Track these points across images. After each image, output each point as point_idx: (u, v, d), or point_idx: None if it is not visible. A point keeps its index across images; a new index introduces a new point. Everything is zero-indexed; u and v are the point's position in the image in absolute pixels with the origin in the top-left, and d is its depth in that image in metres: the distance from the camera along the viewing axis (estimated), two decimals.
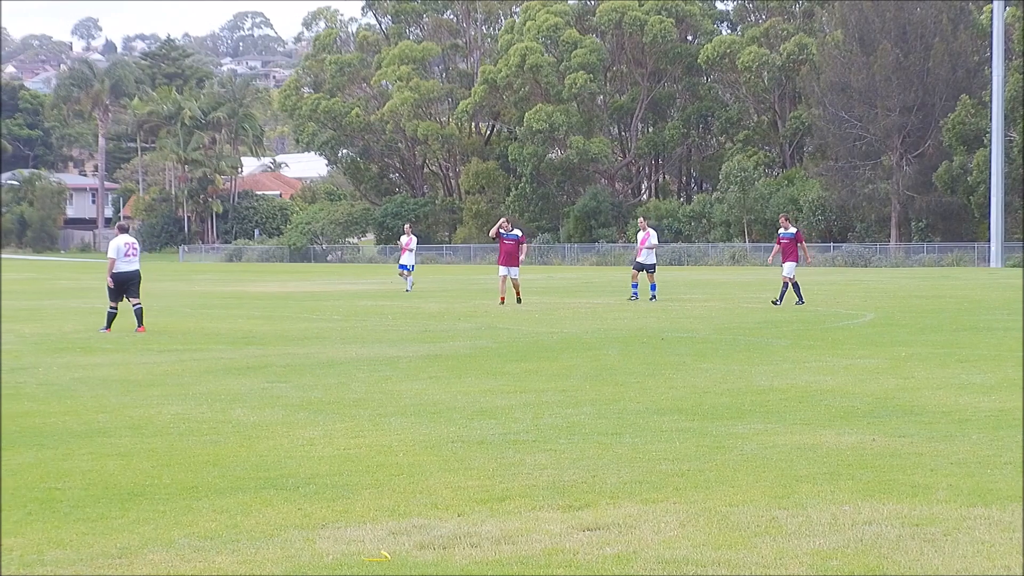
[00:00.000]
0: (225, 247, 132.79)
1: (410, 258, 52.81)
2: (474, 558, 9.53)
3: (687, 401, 17.83)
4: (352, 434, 15.33)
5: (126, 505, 11.53)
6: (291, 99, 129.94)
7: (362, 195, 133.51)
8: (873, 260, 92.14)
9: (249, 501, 11.62)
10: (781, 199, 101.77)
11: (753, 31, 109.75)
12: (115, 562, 9.60)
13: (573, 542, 9.95)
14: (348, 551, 9.81)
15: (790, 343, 26.81)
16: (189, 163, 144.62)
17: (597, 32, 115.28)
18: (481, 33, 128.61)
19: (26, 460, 13.78)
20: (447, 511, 11.13)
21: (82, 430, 15.88)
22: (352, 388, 19.68)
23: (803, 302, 39.74)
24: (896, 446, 14.04)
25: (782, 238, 41.55)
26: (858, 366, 22.13)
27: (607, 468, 12.92)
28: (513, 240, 42.05)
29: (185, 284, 65.64)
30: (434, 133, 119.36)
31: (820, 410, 16.84)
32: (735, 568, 9.12)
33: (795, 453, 13.64)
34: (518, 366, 22.81)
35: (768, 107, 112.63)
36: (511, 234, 42.22)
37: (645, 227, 44.41)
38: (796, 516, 10.71)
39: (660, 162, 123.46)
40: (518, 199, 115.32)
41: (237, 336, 30.15)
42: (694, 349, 25.74)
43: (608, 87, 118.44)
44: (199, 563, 9.52)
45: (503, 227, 42.34)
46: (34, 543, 10.18)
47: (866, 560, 9.31)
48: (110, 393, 19.40)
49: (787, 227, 41.98)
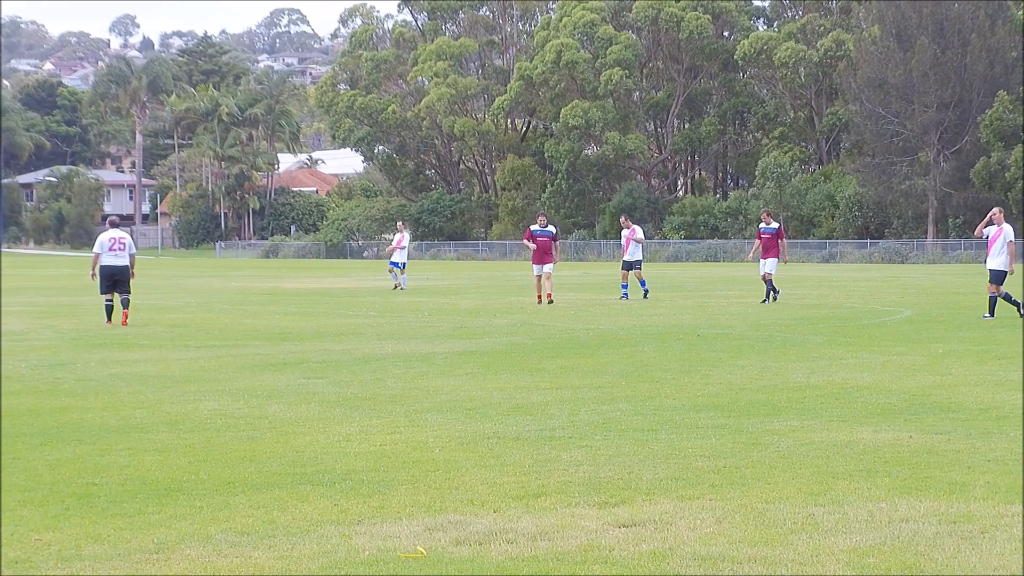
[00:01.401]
0: (261, 243, 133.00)
1: (402, 255, 51.31)
2: (510, 554, 9.54)
3: (723, 397, 17.81)
4: (388, 430, 15.36)
5: (163, 500, 11.57)
6: (327, 96, 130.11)
7: (398, 191, 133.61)
8: (910, 256, 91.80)
9: (285, 497, 11.65)
10: (817, 195, 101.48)
11: (790, 27, 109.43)
12: (152, 557, 9.64)
13: (609, 539, 9.96)
14: (384, 547, 9.83)
15: (826, 339, 26.75)
16: (226, 159, 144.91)
17: (633, 28, 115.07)
18: (517, 29, 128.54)
19: (64, 455, 13.84)
20: (483, 507, 11.14)
21: (119, 426, 15.95)
22: (388, 384, 19.71)
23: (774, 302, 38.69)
24: (933, 443, 14.00)
25: (763, 233, 40.34)
26: (895, 363, 22.07)
27: (643, 464, 12.92)
28: (547, 237, 40.84)
29: (222, 280, 65.82)
30: (470, 129, 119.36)
31: (856, 407, 16.80)
32: (771, 565, 9.11)
33: (831, 450, 13.61)
34: (554, 362, 22.81)
35: (805, 103, 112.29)
36: (545, 230, 41.06)
37: (629, 224, 43.68)
38: (833, 513, 10.68)
39: (696, 158, 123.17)
40: (554, 195, 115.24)
41: (273, 332, 30.23)
42: (730, 345, 25.71)
43: (644, 83, 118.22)
44: (236, 559, 9.55)
45: (539, 223, 41.38)
46: (71, 538, 10.23)
47: (903, 557, 9.29)
48: (147, 389, 19.47)
49: (769, 222, 40.79)
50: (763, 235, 40.34)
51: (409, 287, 51.77)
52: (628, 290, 42.53)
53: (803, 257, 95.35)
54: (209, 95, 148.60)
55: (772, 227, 40.47)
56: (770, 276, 39.33)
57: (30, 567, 9.40)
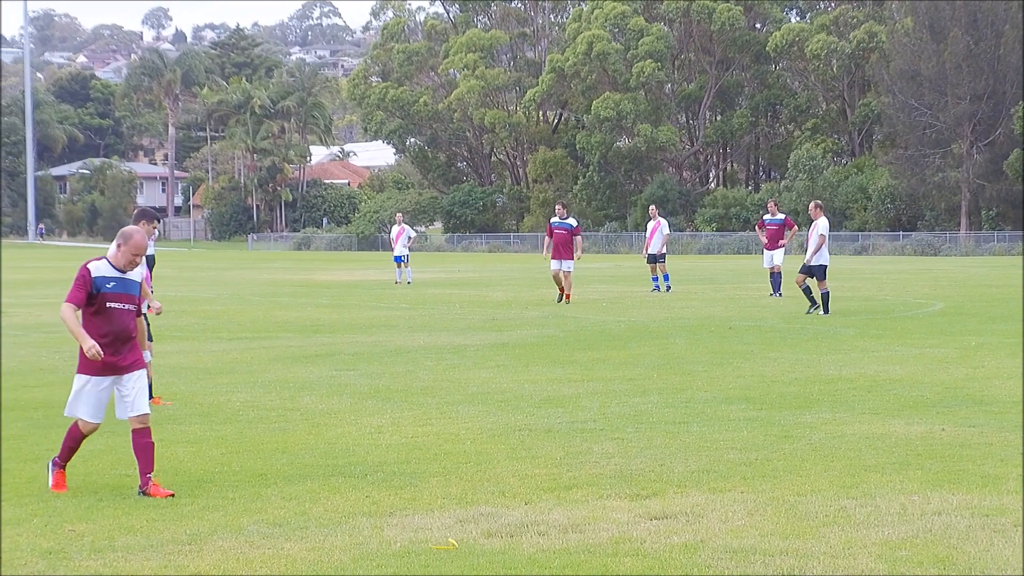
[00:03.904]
0: (293, 235, 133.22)
1: (402, 249, 50.20)
2: (541, 546, 9.55)
3: (755, 390, 17.79)
4: (420, 422, 15.39)
5: (196, 492, 11.62)
6: (359, 88, 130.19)
7: (430, 184, 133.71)
8: (943, 249, 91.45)
9: (318, 488, 11.68)
10: (850, 187, 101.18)
11: (822, 19, 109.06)
12: (185, 548, 9.68)
13: (640, 531, 9.96)
14: (416, 539, 9.85)
15: (858, 332, 26.68)
16: (258, 152, 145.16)
17: (665, 20, 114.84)
18: (548, 21, 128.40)
19: (97, 447, 13.90)
20: (514, 499, 11.15)
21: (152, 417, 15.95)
22: (419, 376, 19.74)
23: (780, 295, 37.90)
24: (966, 436, 13.96)
25: (769, 224, 39.03)
26: (927, 355, 22.01)
27: (674, 457, 12.92)
28: (565, 230, 37.25)
29: (254, 272, 65.97)
30: (501, 121, 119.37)
31: (889, 400, 16.76)
32: (803, 558, 9.10)
33: (864, 443, 13.59)
34: (585, 355, 22.81)
35: (837, 95, 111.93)
36: (564, 222, 37.57)
37: (655, 216, 42.96)
38: (865, 506, 10.67)
39: (728, 150, 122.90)
40: (585, 187, 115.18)
41: (305, 324, 30.29)
42: (762, 338, 25.67)
43: (676, 75, 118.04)
44: (268, 550, 9.58)
45: (558, 213, 38.23)
46: (105, 529, 10.28)
47: (935, 550, 9.27)
48: (180, 380, 19.55)
49: (775, 213, 39.76)
50: (768, 226, 39.08)
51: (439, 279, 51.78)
52: (659, 282, 42.21)
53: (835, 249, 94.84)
54: (241, 88, 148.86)
55: (778, 218, 39.54)
56: (779, 268, 38.47)
57: (64, 557, 9.45)
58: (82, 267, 11.58)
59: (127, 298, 11.62)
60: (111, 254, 11.71)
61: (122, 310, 11.61)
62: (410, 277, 50.21)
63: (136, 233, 11.68)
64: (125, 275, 11.67)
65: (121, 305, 11.60)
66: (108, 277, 11.57)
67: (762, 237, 39.71)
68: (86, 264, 11.61)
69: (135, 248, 11.57)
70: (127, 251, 11.60)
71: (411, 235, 51.27)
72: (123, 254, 11.62)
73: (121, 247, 11.62)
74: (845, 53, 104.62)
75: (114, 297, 11.54)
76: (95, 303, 11.51)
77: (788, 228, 39.38)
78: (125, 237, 11.65)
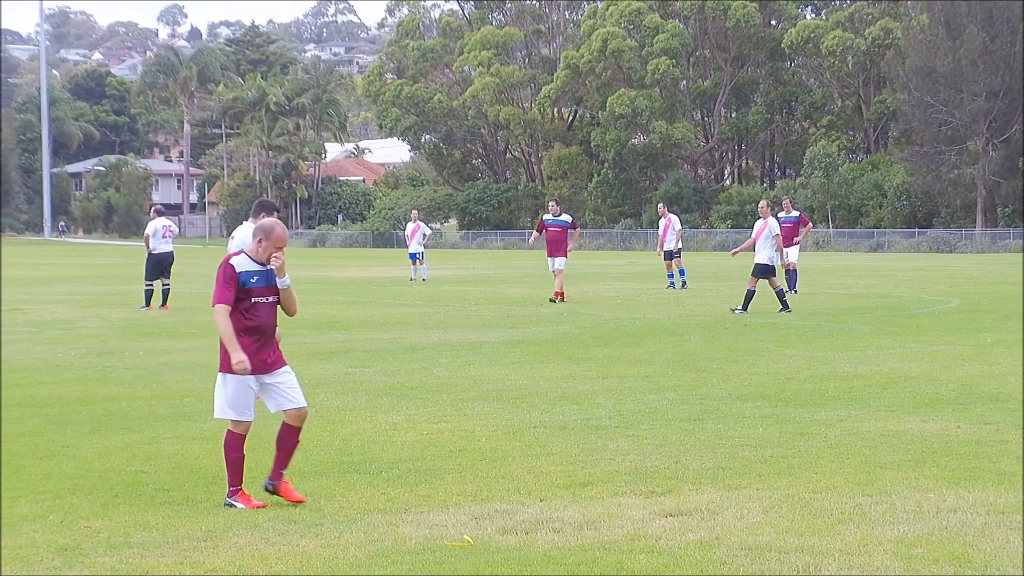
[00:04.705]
0: (309, 232, 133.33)
1: (417, 246, 50.21)
2: (556, 543, 9.55)
3: (770, 387, 17.78)
4: (435, 419, 15.39)
5: (211, 488, 11.64)
6: (374, 85, 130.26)
7: (445, 180, 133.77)
8: (958, 246, 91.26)
9: (333, 485, 11.70)
10: (865, 184, 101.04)
11: (838, 15, 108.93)
12: (201, 545, 9.69)
13: (655, 528, 9.96)
14: (431, 536, 9.85)
15: (874, 329, 26.65)
16: (273, 149, 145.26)
17: (680, 17, 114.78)
18: (563, 18, 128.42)
19: (113, 443, 13.93)
20: (529, 496, 11.15)
21: (168, 414, 16.04)
22: (435, 373, 19.75)
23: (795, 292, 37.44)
24: (981, 433, 13.94)
25: (784, 222, 37.88)
26: (943, 352, 21.98)
27: (689, 454, 12.91)
28: (560, 227, 36.64)
29: None
30: (516, 118, 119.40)
31: (904, 397, 16.74)
32: (818, 555, 9.10)
33: (879, 440, 13.57)
34: (600, 352, 22.80)
35: (852, 92, 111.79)
36: (558, 220, 36.87)
37: (665, 213, 42.90)
38: (880, 503, 10.66)
39: (743, 147, 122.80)
40: (600, 185, 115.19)
41: (320, 321, 30.30)
42: (777, 335, 25.65)
43: (691, 72, 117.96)
44: (284, 546, 9.60)
45: (551, 211, 37.51)
46: (120, 525, 10.30)
47: (951, 548, 9.26)
48: (196, 377, 19.56)
49: (789, 210, 39.65)
50: (784, 223, 38.09)
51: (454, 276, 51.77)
52: (674, 279, 42.17)
53: (851, 246, 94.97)
54: (256, 85, 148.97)
55: (793, 215, 39.51)
56: (794, 266, 38.30)
57: (80, 554, 9.47)
58: (225, 265, 11.16)
59: (271, 291, 11.30)
60: (249, 248, 11.30)
61: (267, 303, 11.29)
62: (425, 274, 50.15)
63: (277, 226, 11.30)
64: (266, 267, 11.28)
65: (266, 299, 11.27)
66: (252, 271, 11.17)
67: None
68: (228, 261, 11.19)
69: (278, 241, 11.19)
70: (269, 245, 11.17)
71: (426, 232, 51.21)
72: (265, 248, 11.19)
73: (262, 242, 11.18)
74: (860, 50, 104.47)
75: (260, 291, 11.21)
76: (242, 299, 11.16)
77: (803, 225, 39.43)
78: (266, 232, 11.21)
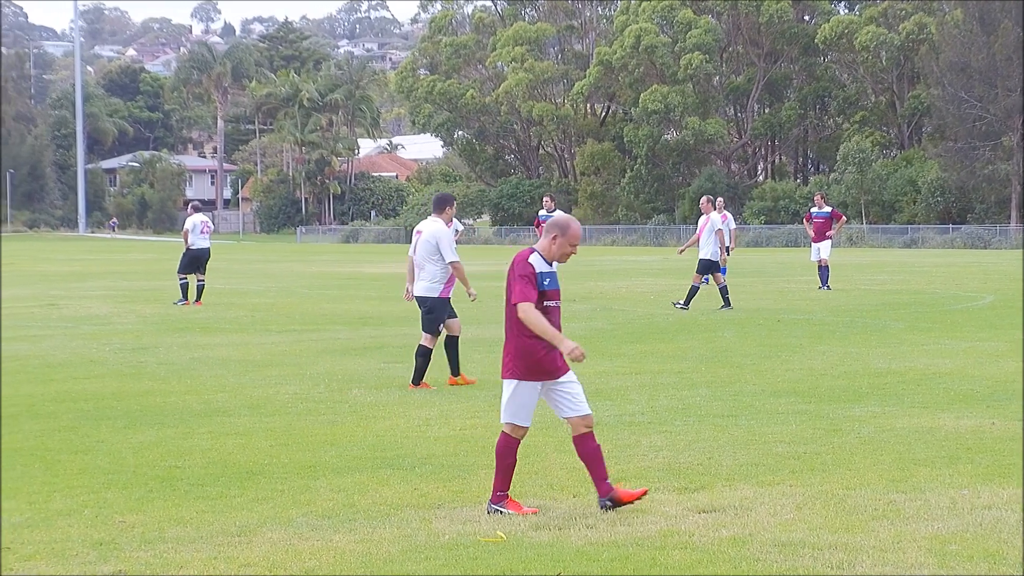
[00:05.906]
0: (342, 228, 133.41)
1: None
2: (589, 539, 9.56)
3: (803, 383, 17.75)
4: (468, 415, 15.41)
5: (245, 484, 11.67)
6: (407, 81, 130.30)
7: (477, 176, 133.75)
8: (993, 242, 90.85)
9: (366, 480, 11.72)
10: (899, 180, 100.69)
11: (871, 11, 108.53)
12: (234, 540, 9.72)
13: (689, 524, 9.95)
14: (464, 531, 9.87)
15: (907, 325, 26.57)
16: (306, 145, 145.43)
17: (712, 13, 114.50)
18: (596, 14, 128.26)
19: (147, 438, 13.99)
20: (563, 492, 11.16)
21: (202, 409, 16.09)
22: (468, 368, 19.75)
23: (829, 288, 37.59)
24: (1016, 430, 13.89)
25: (816, 217, 38.81)
26: (977, 349, 21.90)
27: (723, 450, 12.90)
28: None
29: (302, 265, 66.12)
30: (549, 114, 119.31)
31: (938, 393, 16.69)
32: (852, 552, 9.08)
33: (913, 436, 13.54)
34: (633, 348, 22.79)
35: (886, 87, 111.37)
36: (552, 215, 36.41)
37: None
38: (914, 500, 10.63)
39: (776, 143, 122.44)
40: (633, 180, 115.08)
41: (354, 317, 30.36)
42: (810, 331, 25.59)
43: (724, 68, 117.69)
44: (316, 541, 9.62)
45: (546, 207, 37.29)
46: (155, 520, 10.34)
47: (986, 545, 9.23)
48: (229, 373, 19.62)
49: (822, 206, 39.43)
50: (816, 219, 38.93)
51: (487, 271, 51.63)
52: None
53: (884, 243, 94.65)
54: (290, 81, 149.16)
55: (825, 211, 39.33)
56: (826, 262, 38.23)
57: (114, 548, 9.51)
58: (522, 263, 10.51)
59: (558, 294, 10.68)
60: (541, 246, 10.64)
61: (555, 307, 10.62)
62: None
63: (572, 222, 10.74)
64: (554, 269, 10.71)
65: (555, 303, 10.62)
66: (545, 273, 10.51)
67: (809, 230, 39.57)
68: (526, 260, 10.52)
69: (573, 239, 10.61)
70: (564, 242, 10.59)
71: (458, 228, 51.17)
72: (559, 246, 10.57)
73: (557, 238, 10.58)
74: (894, 45, 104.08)
75: (552, 295, 10.57)
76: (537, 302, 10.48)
77: (835, 220, 39.30)
78: (562, 228, 10.61)
